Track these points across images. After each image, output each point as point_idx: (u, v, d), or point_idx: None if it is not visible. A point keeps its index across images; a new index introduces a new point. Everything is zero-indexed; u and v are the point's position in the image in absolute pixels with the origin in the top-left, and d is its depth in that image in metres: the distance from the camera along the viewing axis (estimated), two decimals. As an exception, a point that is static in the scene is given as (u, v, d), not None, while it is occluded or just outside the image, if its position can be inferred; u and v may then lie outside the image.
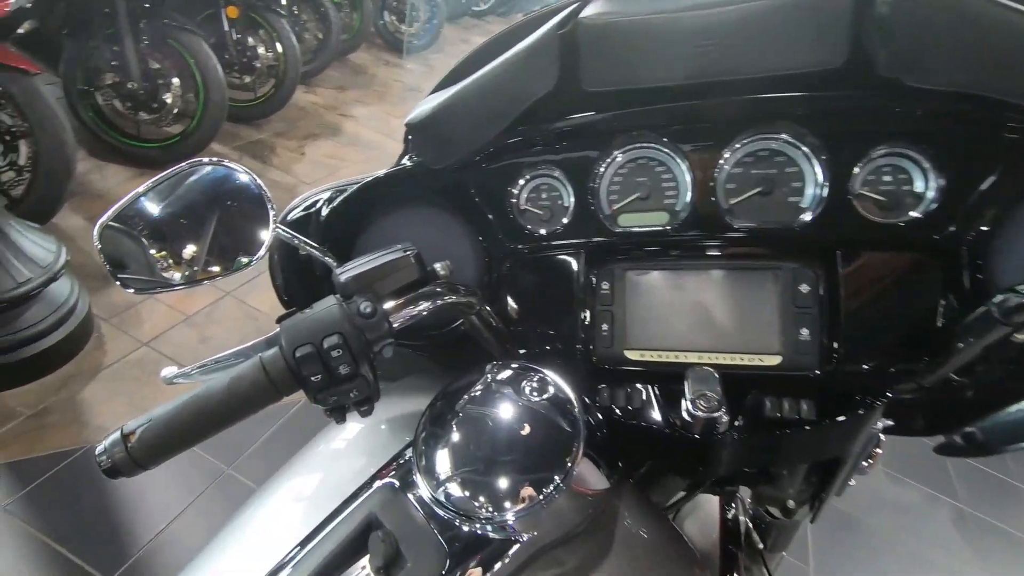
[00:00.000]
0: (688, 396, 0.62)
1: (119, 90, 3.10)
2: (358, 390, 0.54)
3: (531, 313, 0.76)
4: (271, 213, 0.61)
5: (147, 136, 3.29)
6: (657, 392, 0.70)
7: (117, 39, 2.95)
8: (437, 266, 0.64)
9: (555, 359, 0.74)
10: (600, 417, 0.70)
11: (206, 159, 0.59)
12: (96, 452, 0.50)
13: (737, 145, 0.64)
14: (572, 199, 0.71)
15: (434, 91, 0.71)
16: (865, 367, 0.64)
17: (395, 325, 0.57)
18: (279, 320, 0.55)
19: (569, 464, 0.54)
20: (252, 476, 1.85)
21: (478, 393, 0.62)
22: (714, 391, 0.62)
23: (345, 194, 0.73)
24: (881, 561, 1.92)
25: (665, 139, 0.67)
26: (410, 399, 0.77)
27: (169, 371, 0.67)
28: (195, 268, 0.61)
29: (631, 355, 0.71)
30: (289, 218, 0.79)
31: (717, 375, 0.63)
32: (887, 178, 0.62)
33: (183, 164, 0.59)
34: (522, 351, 0.76)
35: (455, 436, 0.58)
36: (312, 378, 0.52)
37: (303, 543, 0.56)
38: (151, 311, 2.40)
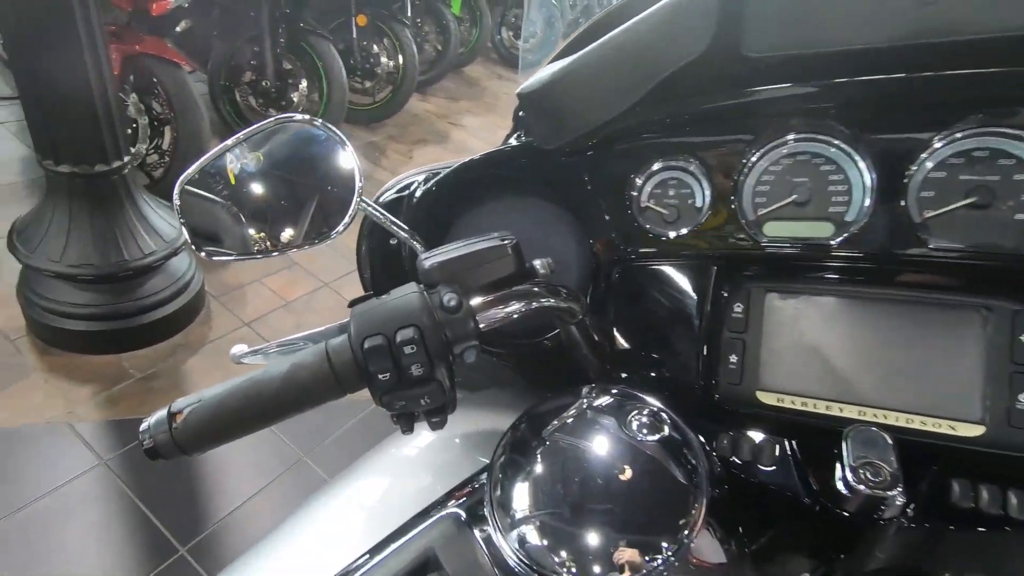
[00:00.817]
0: (848, 462, 0.47)
1: (254, 88, 3.36)
2: (431, 397, 0.45)
3: (640, 332, 0.64)
4: (358, 184, 0.54)
5: (274, 132, 3.53)
6: (796, 449, 0.55)
7: (258, 41, 3.19)
8: (536, 263, 0.54)
9: (664, 390, 0.62)
10: (718, 470, 0.56)
11: (297, 115, 0.53)
12: (140, 428, 0.44)
13: (945, 139, 0.49)
14: (707, 198, 0.58)
15: (554, 60, 0.61)
16: None
17: (481, 325, 0.48)
18: (352, 304, 0.47)
19: (687, 531, 0.42)
20: (326, 467, 1.85)
21: (572, 420, 0.51)
22: (887, 461, 0.46)
23: (441, 175, 0.66)
24: None
25: (842, 127, 0.52)
26: (488, 415, 0.67)
27: (239, 348, 0.62)
28: (274, 236, 0.55)
29: (764, 398, 0.57)
30: (382, 200, 0.72)
31: (891, 440, 0.47)
32: None
33: (270, 119, 0.54)
34: (624, 375, 0.64)
35: (540, 468, 0.48)
36: (380, 376, 0.44)
37: (355, 568, 0.48)
38: (256, 294, 2.52)
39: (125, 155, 1.95)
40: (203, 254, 0.55)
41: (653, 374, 0.62)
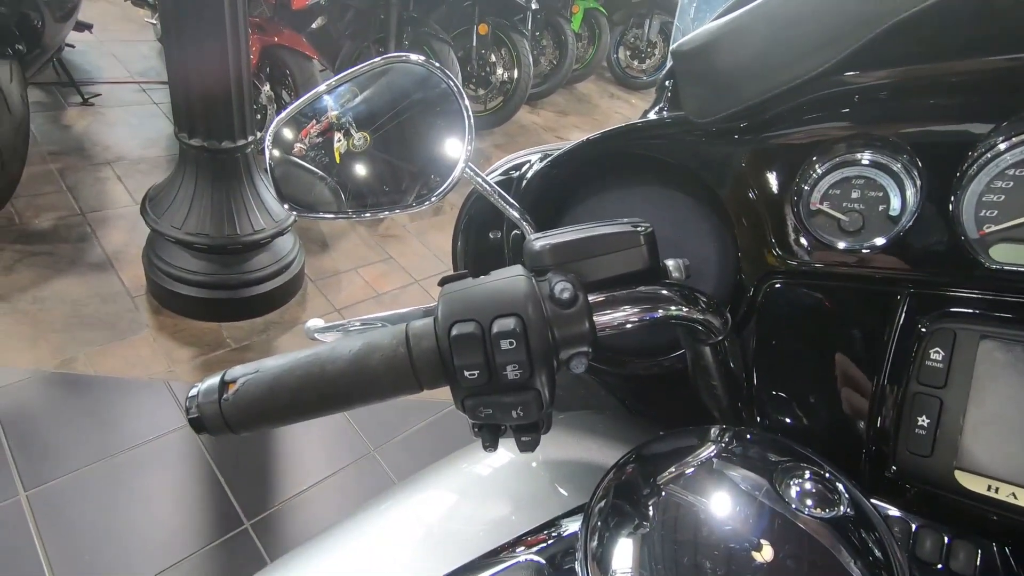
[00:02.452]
0: None
1: (375, 87, 3.50)
2: (524, 409, 0.36)
3: (792, 368, 0.50)
4: (467, 145, 0.46)
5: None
6: (1009, 558, 0.40)
7: (384, 43, 3.32)
8: (670, 263, 0.43)
9: (814, 448, 0.48)
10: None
11: (411, 55, 0.46)
12: (188, 394, 0.38)
13: None
14: (910, 203, 0.44)
15: (717, 18, 0.49)
16: None
17: (598, 328, 0.38)
18: (443, 282, 0.38)
19: None
20: (393, 465, 1.82)
21: (699, 467, 0.39)
22: None
23: (561, 151, 0.56)
24: None
25: None
26: (580, 444, 0.56)
27: (315, 323, 0.55)
28: (370, 194, 0.48)
29: (966, 481, 0.42)
30: (491, 176, 0.64)
31: None
32: None
33: (378, 59, 0.47)
34: (760, 419, 0.51)
35: (653, 523, 0.36)
36: (467, 372, 0.35)
37: None
38: (350, 282, 2.57)
39: (250, 135, 2.05)
40: (287, 206, 0.49)
41: (804, 429, 0.48)
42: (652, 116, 0.53)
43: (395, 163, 0.48)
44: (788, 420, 0.49)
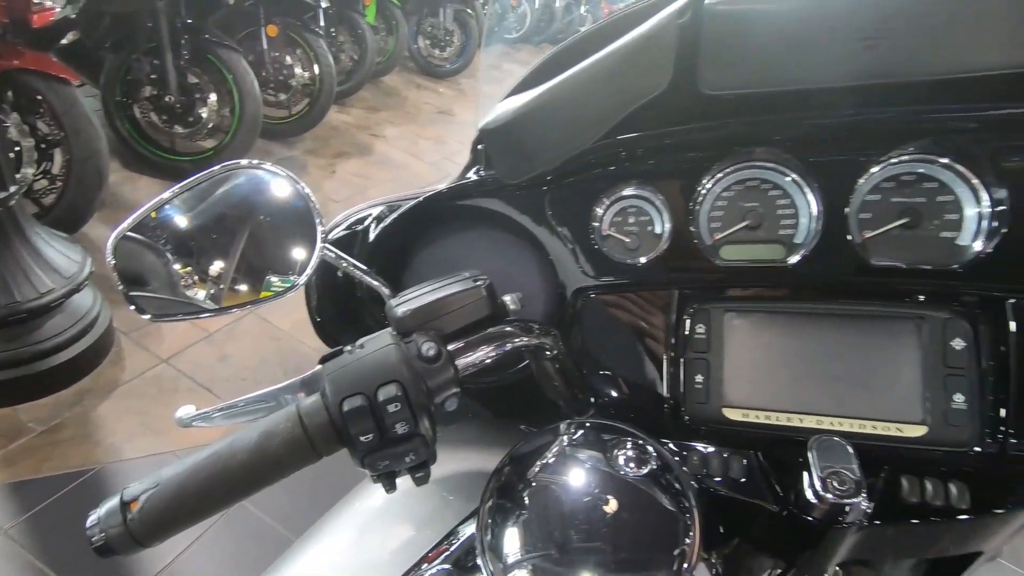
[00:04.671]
0: (816, 472, 0.49)
1: (156, 103, 3.11)
2: (415, 453, 0.43)
3: (609, 357, 0.64)
4: (319, 229, 0.51)
5: (181, 149, 3.30)
6: (762, 461, 0.58)
7: (158, 53, 2.97)
8: (506, 299, 0.53)
9: (633, 413, 0.63)
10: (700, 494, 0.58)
11: (244, 161, 0.50)
12: (87, 524, 0.39)
13: (885, 165, 0.53)
14: (667, 225, 0.60)
15: (512, 93, 0.61)
16: None
17: (462, 371, 0.47)
18: (323, 360, 0.44)
19: (685, 563, 0.42)
20: (271, 511, 1.74)
21: (556, 459, 0.50)
22: (851, 469, 0.49)
23: (399, 210, 0.63)
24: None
25: (789, 156, 0.55)
26: (462, 454, 0.66)
27: (186, 411, 0.56)
28: (225, 291, 0.51)
29: (731, 414, 0.59)
30: (331, 236, 0.69)
31: (851, 450, 0.50)
32: None
33: (216, 167, 0.50)
34: (593, 400, 0.65)
35: (530, 510, 0.47)
36: (362, 438, 0.41)
37: None
38: (172, 327, 2.33)
39: (10, 184, 1.74)
40: (146, 316, 0.49)
41: (624, 399, 0.63)
42: (471, 175, 0.63)
43: (252, 256, 0.51)
44: (614, 398, 0.63)
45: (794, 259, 0.57)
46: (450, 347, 0.47)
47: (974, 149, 0.51)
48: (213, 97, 3.20)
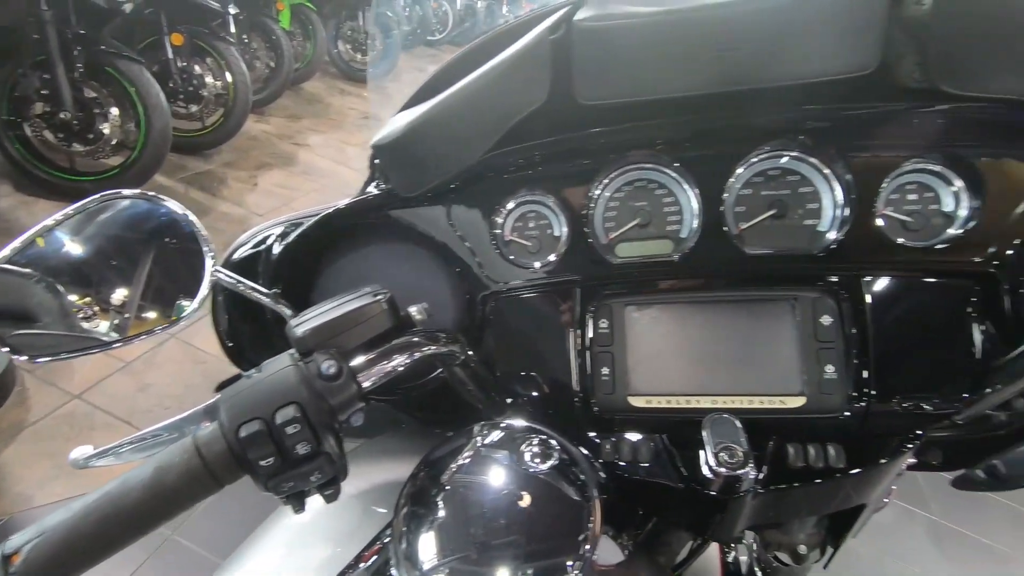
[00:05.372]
0: (710, 449, 0.53)
1: (50, 120, 2.89)
2: (321, 472, 0.44)
3: (520, 358, 0.66)
4: (208, 254, 0.50)
5: (83, 169, 3.08)
6: (668, 443, 0.62)
7: (48, 67, 2.76)
8: (412, 310, 0.54)
9: (549, 409, 0.65)
10: (604, 475, 0.61)
11: (126, 191, 0.48)
12: None
13: (749, 163, 0.58)
14: (564, 228, 0.63)
15: (404, 108, 0.62)
16: (898, 407, 0.57)
17: (365, 386, 0.47)
18: (219, 388, 0.44)
19: (587, 545, 0.45)
20: (203, 541, 1.66)
21: (468, 461, 0.52)
22: (738, 443, 0.53)
23: (301, 228, 0.63)
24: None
25: (667, 158, 0.59)
26: (385, 464, 0.66)
27: (81, 452, 0.54)
28: (115, 325, 0.49)
29: (636, 402, 0.62)
30: (235, 257, 0.67)
31: (739, 424, 0.55)
32: (912, 197, 0.56)
33: (94, 197, 0.48)
34: (509, 400, 0.67)
35: (443, 514, 0.48)
36: (262, 462, 0.41)
37: None
38: (84, 359, 2.17)
39: None
40: (24, 358, 0.47)
41: (538, 397, 0.65)
42: (371, 189, 0.64)
43: (139, 288, 0.49)
44: (528, 396, 0.66)
45: (681, 253, 0.61)
46: (352, 363, 0.47)
47: (824, 145, 0.56)
48: (115, 111, 3.00)
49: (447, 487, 0.50)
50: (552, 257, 0.63)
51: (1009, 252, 0.55)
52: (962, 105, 0.52)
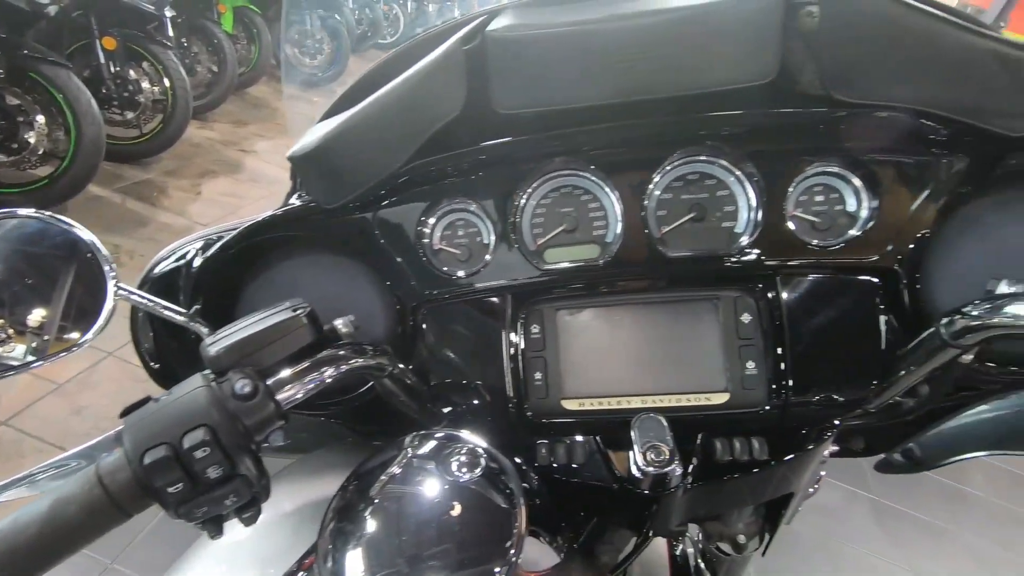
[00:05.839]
0: (637, 448, 0.55)
1: (-32, 130, 2.72)
2: (237, 495, 0.42)
3: (453, 367, 0.66)
4: (108, 274, 0.48)
5: (7, 180, 2.91)
6: (601, 444, 0.63)
7: (-36, 73, 2.60)
8: (338, 323, 0.53)
9: (485, 416, 0.65)
10: (538, 480, 0.61)
11: (21, 210, 0.45)
12: None
13: (666, 168, 0.59)
14: (492, 235, 0.63)
15: (323, 118, 0.61)
16: (814, 398, 0.60)
17: (284, 403, 0.46)
18: (124, 413, 0.42)
19: (512, 549, 0.45)
20: (144, 567, 1.59)
21: (396, 473, 0.51)
22: (664, 441, 0.55)
23: (222, 242, 0.61)
24: (814, 565, 1.95)
25: (589, 165, 0.60)
26: (320, 479, 0.65)
27: (-22, 487, 0.50)
28: (7, 352, 0.46)
29: (569, 405, 0.63)
30: (155, 273, 0.65)
31: (665, 423, 0.56)
32: (819, 198, 0.59)
33: None
34: (446, 409, 0.67)
35: (370, 530, 0.47)
36: (169, 489, 0.40)
37: None
38: (10, 382, 2.05)
39: None
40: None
41: (474, 405, 0.65)
42: (294, 201, 0.62)
43: (34, 312, 0.47)
44: (463, 404, 0.66)
45: (607, 257, 0.62)
46: (270, 380, 0.46)
47: (734, 151, 0.59)
48: (40, 119, 2.85)
49: (375, 500, 0.49)
50: (481, 265, 0.63)
51: (906, 249, 0.58)
52: (856, 112, 0.55)
